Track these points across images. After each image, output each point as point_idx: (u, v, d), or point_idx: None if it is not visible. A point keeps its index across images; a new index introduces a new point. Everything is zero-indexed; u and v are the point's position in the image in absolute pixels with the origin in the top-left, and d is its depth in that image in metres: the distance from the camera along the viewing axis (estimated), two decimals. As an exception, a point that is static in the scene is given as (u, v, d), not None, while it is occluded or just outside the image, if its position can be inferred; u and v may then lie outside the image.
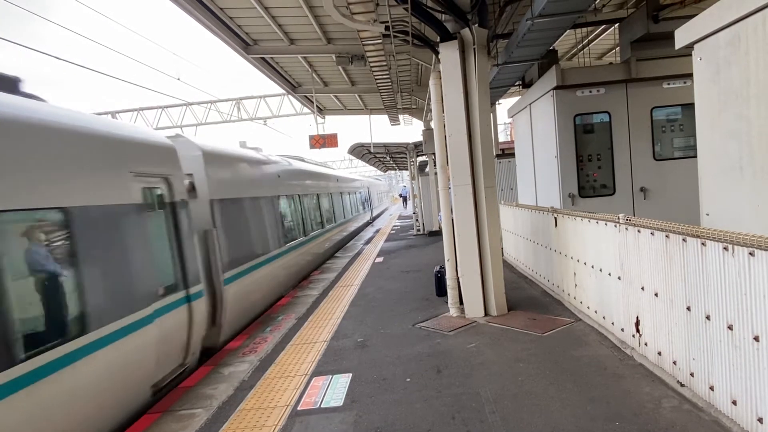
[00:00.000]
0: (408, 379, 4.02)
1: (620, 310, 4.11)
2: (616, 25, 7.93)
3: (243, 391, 4.18)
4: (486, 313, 5.55)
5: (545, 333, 4.79)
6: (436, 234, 14.05)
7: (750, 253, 2.44)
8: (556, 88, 6.54)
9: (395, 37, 6.30)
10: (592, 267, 4.66)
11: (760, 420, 2.49)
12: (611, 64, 9.81)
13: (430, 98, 6.62)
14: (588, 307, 4.93)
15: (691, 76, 3.60)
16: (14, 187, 3.12)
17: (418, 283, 7.85)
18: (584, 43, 10.54)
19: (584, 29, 9.11)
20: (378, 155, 20.22)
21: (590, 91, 6.59)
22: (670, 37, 3.77)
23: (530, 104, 7.80)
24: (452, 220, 5.68)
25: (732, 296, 2.62)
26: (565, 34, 6.72)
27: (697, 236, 2.87)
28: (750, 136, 2.96)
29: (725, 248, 2.63)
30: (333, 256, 13.67)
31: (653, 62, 6.44)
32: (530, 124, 7.91)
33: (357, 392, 3.88)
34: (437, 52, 5.66)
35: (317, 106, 14.16)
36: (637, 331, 3.81)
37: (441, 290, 6.50)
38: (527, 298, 6.17)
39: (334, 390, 3.97)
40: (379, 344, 5.01)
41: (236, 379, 4.55)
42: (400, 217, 25.63)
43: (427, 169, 15.22)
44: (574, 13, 5.45)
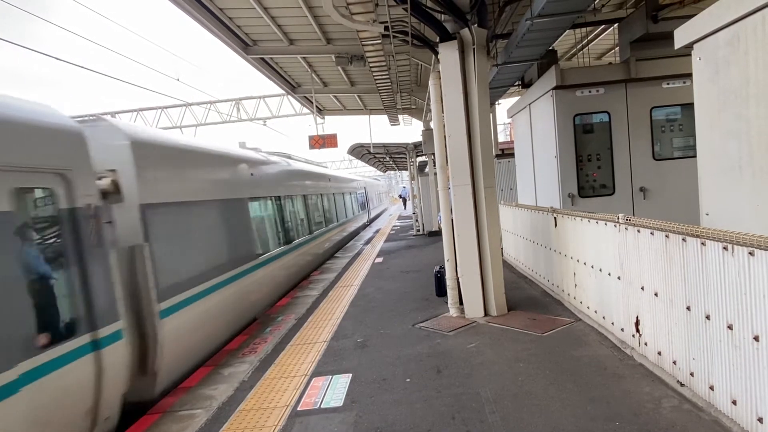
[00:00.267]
0: (408, 380, 4.02)
1: (620, 310, 4.11)
2: (616, 25, 7.93)
3: (243, 392, 4.18)
4: (486, 313, 5.55)
5: (545, 333, 4.79)
6: (436, 234, 14.05)
7: (750, 253, 2.44)
8: (556, 88, 6.55)
9: (395, 37, 6.30)
10: (592, 267, 4.66)
11: (760, 420, 2.49)
12: (611, 64, 9.81)
13: (429, 98, 6.62)
14: (588, 307, 4.93)
15: (690, 75, 3.60)
16: None
17: (417, 283, 7.85)
18: (584, 43, 10.55)
19: (584, 29, 9.12)
20: (377, 155, 20.22)
21: (590, 91, 6.59)
22: (670, 37, 3.78)
23: (530, 104, 7.80)
24: (452, 220, 5.68)
25: (732, 296, 2.62)
26: (564, 34, 6.72)
27: (697, 236, 2.87)
28: (749, 135, 2.96)
29: (725, 248, 2.63)
30: (321, 265, 12.01)
31: (653, 62, 6.45)
32: (530, 124, 7.91)
33: (357, 392, 3.88)
34: (437, 53, 5.66)
35: (317, 106, 14.17)
36: (637, 331, 3.82)
37: (441, 290, 6.50)
38: (527, 298, 6.17)
39: (334, 390, 3.97)
40: (379, 344, 5.01)
41: (236, 380, 4.55)
42: (400, 218, 25.62)
43: (426, 170, 15.22)
44: (573, 13, 5.45)
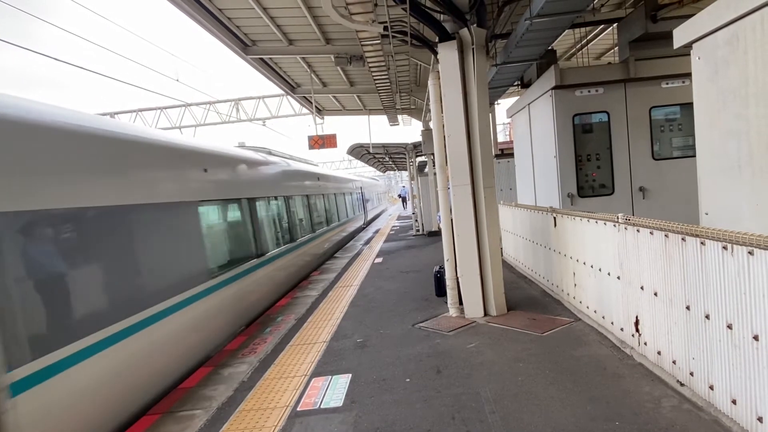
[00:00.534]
0: (408, 380, 4.02)
1: (620, 310, 4.11)
2: (615, 24, 7.94)
3: (242, 392, 4.17)
4: (485, 313, 5.55)
5: (545, 333, 4.79)
6: (436, 234, 14.06)
7: (749, 252, 2.44)
8: (555, 87, 6.55)
9: (394, 37, 6.30)
10: (592, 267, 4.66)
11: (760, 419, 2.49)
12: (610, 63, 9.81)
13: (428, 98, 6.62)
14: (587, 307, 4.93)
15: (689, 75, 3.60)
16: None
17: (417, 283, 7.85)
18: (583, 43, 10.56)
19: (583, 29, 9.12)
20: (377, 156, 20.22)
21: (589, 91, 6.60)
22: (669, 36, 3.78)
23: (529, 104, 7.80)
24: (451, 220, 5.68)
25: (731, 295, 2.62)
26: (563, 34, 6.72)
27: (696, 235, 2.87)
28: (749, 135, 2.96)
29: (724, 247, 2.63)
30: (305, 279, 10.25)
31: (652, 62, 6.45)
32: (529, 124, 7.91)
33: (357, 393, 3.88)
34: (436, 53, 5.66)
35: (316, 106, 14.16)
36: (637, 330, 3.82)
37: (440, 290, 6.50)
38: (527, 298, 6.17)
39: (334, 390, 3.96)
40: (379, 345, 5.01)
41: (236, 380, 4.54)
42: (399, 218, 25.63)
43: (426, 170, 15.22)
44: (572, 13, 5.45)
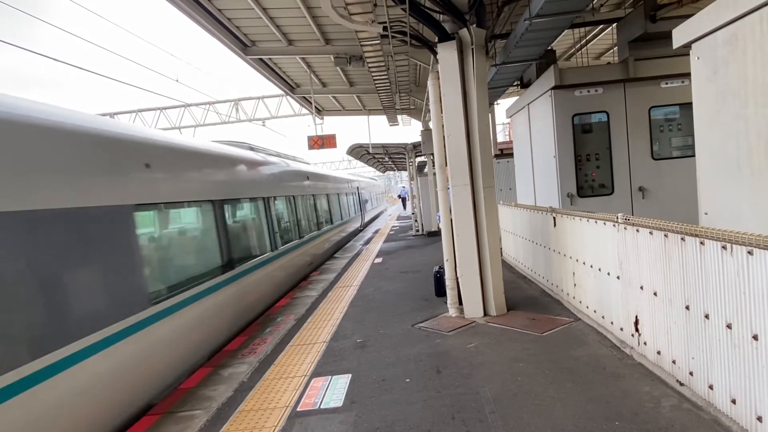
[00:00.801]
0: (407, 380, 4.02)
1: (619, 310, 4.12)
2: (614, 24, 7.96)
3: (242, 393, 4.17)
4: (485, 313, 5.55)
5: (544, 333, 4.79)
6: (435, 234, 14.07)
7: (748, 252, 2.45)
8: (555, 87, 6.55)
9: (393, 37, 6.30)
10: (591, 266, 4.66)
11: (759, 419, 2.49)
12: (609, 63, 9.82)
13: (428, 99, 6.63)
14: (587, 307, 4.93)
15: (689, 75, 3.60)
16: None
17: (417, 283, 7.85)
18: (582, 43, 10.57)
19: (582, 29, 9.12)
20: (376, 156, 20.23)
21: (588, 91, 6.60)
22: (668, 36, 3.78)
23: (528, 104, 7.80)
24: (451, 220, 5.68)
25: (731, 295, 2.62)
26: (563, 34, 6.73)
27: (696, 235, 2.87)
28: (748, 135, 2.96)
29: (724, 247, 2.63)
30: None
31: (651, 62, 6.46)
32: (528, 124, 7.92)
33: (356, 393, 3.88)
34: (435, 53, 5.66)
35: (315, 107, 14.17)
36: (636, 330, 3.82)
37: (440, 290, 6.50)
38: (526, 298, 6.17)
39: (334, 391, 3.96)
40: (379, 345, 5.01)
41: (235, 381, 4.54)
42: (399, 218, 25.62)
43: (425, 170, 15.22)
44: (571, 13, 5.46)
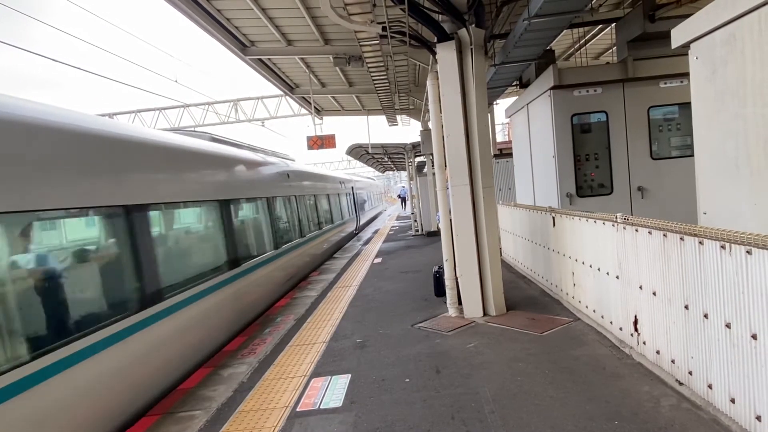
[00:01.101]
0: (407, 380, 4.02)
1: (618, 309, 4.12)
2: (613, 24, 7.95)
3: (242, 393, 4.17)
4: (485, 313, 5.55)
5: (544, 333, 4.79)
6: (435, 234, 14.07)
7: (747, 252, 2.45)
8: (554, 87, 6.55)
9: (392, 37, 6.30)
10: (591, 266, 4.66)
11: (759, 418, 2.49)
12: (608, 63, 9.83)
13: (427, 99, 6.63)
14: (586, 307, 4.94)
15: (688, 75, 3.60)
16: None
17: (416, 283, 7.85)
18: (581, 43, 10.57)
19: (581, 29, 9.13)
20: (376, 156, 20.24)
21: (587, 91, 6.61)
22: (667, 36, 3.78)
23: (527, 104, 7.81)
24: (450, 220, 5.68)
25: (730, 294, 2.63)
26: (561, 34, 6.73)
27: (695, 235, 2.88)
28: (747, 134, 2.97)
29: (722, 247, 2.64)
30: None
31: (650, 62, 6.46)
32: (528, 124, 7.92)
33: (356, 393, 3.88)
34: (434, 53, 5.66)
35: (315, 107, 14.16)
36: (636, 330, 3.82)
37: (440, 290, 6.50)
38: (526, 298, 6.18)
39: (333, 391, 3.96)
40: (378, 345, 5.01)
41: (235, 381, 4.54)
42: (399, 218, 25.63)
43: (425, 170, 15.23)
44: (570, 13, 5.46)
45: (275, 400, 3.94)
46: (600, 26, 9.59)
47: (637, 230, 3.60)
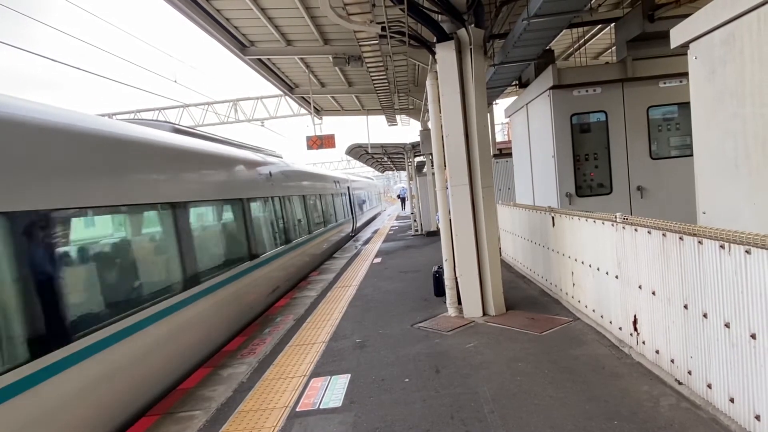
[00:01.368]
0: (407, 380, 4.02)
1: (618, 309, 4.12)
2: (612, 24, 7.96)
3: (242, 393, 4.17)
4: (484, 313, 5.55)
5: (543, 332, 4.79)
6: (434, 234, 14.08)
7: (746, 251, 2.45)
8: (553, 87, 6.56)
9: (392, 37, 6.30)
10: (590, 266, 4.67)
11: (758, 417, 2.50)
12: (607, 63, 9.83)
13: (427, 99, 6.63)
14: (586, 306, 4.94)
15: (687, 75, 3.61)
16: None
17: (416, 283, 7.85)
18: (580, 42, 10.58)
19: (580, 29, 9.14)
20: (375, 156, 20.24)
21: (587, 91, 6.61)
22: (666, 36, 3.78)
23: (527, 104, 7.81)
24: (450, 220, 5.69)
25: (729, 294, 2.63)
26: (561, 33, 6.74)
27: (694, 234, 2.88)
28: (746, 134, 2.97)
29: (722, 246, 2.64)
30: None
31: (649, 61, 6.47)
32: (527, 124, 7.93)
33: (356, 393, 3.88)
34: (434, 53, 5.66)
35: (314, 107, 14.16)
36: (635, 329, 3.82)
37: (439, 290, 6.50)
38: (525, 298, 6.18)
39: (333, 391, 3.96)
40: (378, 345, 5.01)
41: (235, 381, 4.54)
42: (398, 218, 25.64)
43: (424, 170, 15.23)
44: (569, 13, 5.47)
45: (275, 400, 3.94)
46: (599, 26, 9.59)
47: (636, 230, 3.60)
